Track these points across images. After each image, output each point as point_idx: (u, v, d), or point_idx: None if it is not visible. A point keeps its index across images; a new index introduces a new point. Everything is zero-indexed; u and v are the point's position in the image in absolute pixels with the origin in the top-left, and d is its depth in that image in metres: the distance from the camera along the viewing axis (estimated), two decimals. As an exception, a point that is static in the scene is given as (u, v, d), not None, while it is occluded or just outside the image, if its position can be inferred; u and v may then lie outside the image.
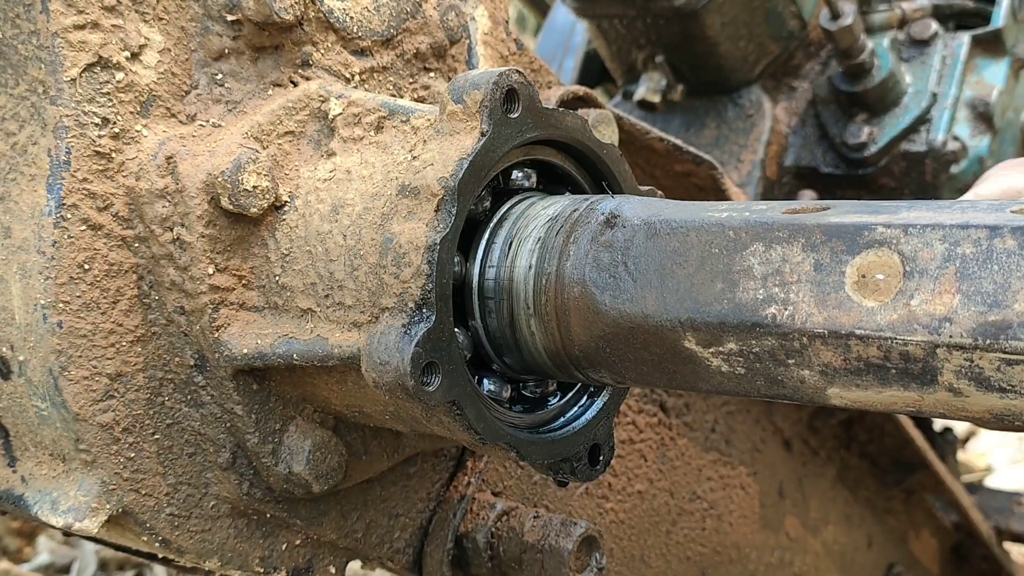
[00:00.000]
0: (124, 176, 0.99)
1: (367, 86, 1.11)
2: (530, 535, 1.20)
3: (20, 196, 0.99)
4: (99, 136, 0.98)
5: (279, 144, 1.03)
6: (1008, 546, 2.32)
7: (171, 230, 0.99)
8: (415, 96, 1.16)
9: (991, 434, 3.61)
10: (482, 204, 0.96)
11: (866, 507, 2.00)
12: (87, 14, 0.96)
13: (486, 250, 0.96)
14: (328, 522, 1.13)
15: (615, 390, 1.04)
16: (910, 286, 0.73)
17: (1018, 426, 0.75)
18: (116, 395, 1.00)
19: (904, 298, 0.73)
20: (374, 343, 0.88)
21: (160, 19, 1.01)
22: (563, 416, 1.03)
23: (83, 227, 0.97)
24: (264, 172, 0.99)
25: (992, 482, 3.36)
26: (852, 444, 1.91)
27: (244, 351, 0.99)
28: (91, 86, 0.97)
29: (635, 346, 0.87)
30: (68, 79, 0.96)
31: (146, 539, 1.04)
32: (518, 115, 0.93)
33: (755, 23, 1.95)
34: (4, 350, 1.02)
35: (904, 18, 2.00)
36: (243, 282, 1.01)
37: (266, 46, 1.05)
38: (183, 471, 1.05)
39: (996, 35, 2.00)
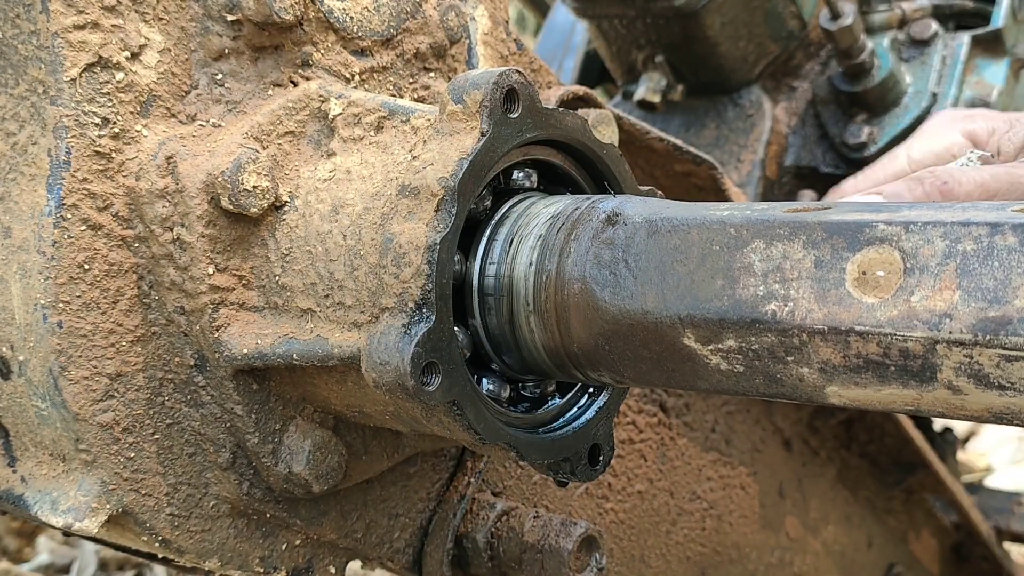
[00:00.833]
0: (124, 176, 0.99)
1: (367, 86, 1.11)
2: (530, 535, 1.20)
3: (20, 196, 0.99)
4: (99, 136, 0.98)
5: (279, 144, 1.03)
6: (1008, 546, 2.31)
7: (171, 230, 0.99)
8: (415, 96, 1.16)
9: (991, 434, 3.61)
10: (483, 203, 0.96)
11: (866, 507, 2.00)
12: (87, 14, 0.96)
13: (487, 247, 0.96)
14: (328, 522, 1.13)
15: (615, 390, 1.03)
16: (910, 282, 0.73)
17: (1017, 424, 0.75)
18: (116, 395, 1.00)
19: (904, 294, 0.73)
20: (374, 343, 0.88)
21: (160, 19, 1.01)
22: (563, 416, 1.03)
23: (83, 227, 0.97)
24: (264, 172, 0.99)
25: (992, 482, 3.36)
26: (852, 444, 1.91)
27: (244, 351, 0.99)
28: (91, 86, 0.97)
29: (634, 344, 0.87)
30: (68, 79, 0.96)
31: (146, 539, 1.04)
32: (518, 115, 0.93)
33: (755, 23, 1.95)
34: (4, 350, 1.02)
35: (904, 18, 2.00)
36: (243, 282, 1.01)
37: (266, 46, 1.05)
38: (183, 471, 1.04)
39: (996, 35, 2.00)
